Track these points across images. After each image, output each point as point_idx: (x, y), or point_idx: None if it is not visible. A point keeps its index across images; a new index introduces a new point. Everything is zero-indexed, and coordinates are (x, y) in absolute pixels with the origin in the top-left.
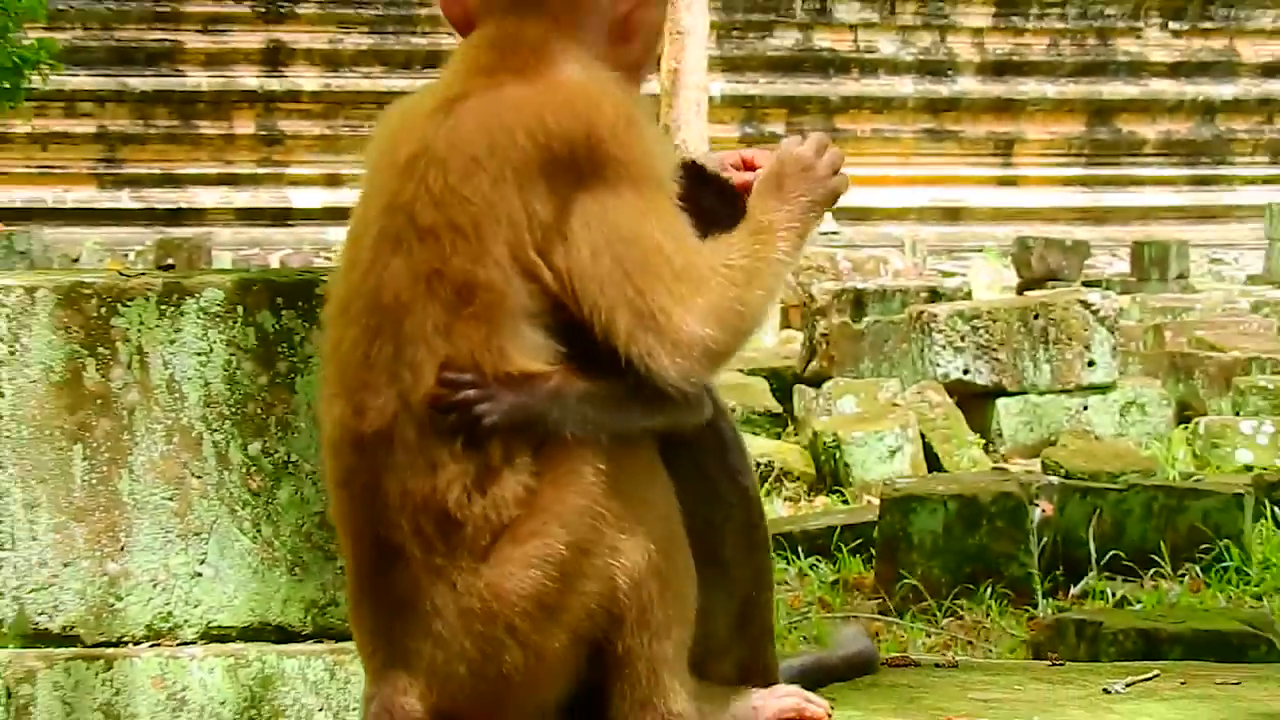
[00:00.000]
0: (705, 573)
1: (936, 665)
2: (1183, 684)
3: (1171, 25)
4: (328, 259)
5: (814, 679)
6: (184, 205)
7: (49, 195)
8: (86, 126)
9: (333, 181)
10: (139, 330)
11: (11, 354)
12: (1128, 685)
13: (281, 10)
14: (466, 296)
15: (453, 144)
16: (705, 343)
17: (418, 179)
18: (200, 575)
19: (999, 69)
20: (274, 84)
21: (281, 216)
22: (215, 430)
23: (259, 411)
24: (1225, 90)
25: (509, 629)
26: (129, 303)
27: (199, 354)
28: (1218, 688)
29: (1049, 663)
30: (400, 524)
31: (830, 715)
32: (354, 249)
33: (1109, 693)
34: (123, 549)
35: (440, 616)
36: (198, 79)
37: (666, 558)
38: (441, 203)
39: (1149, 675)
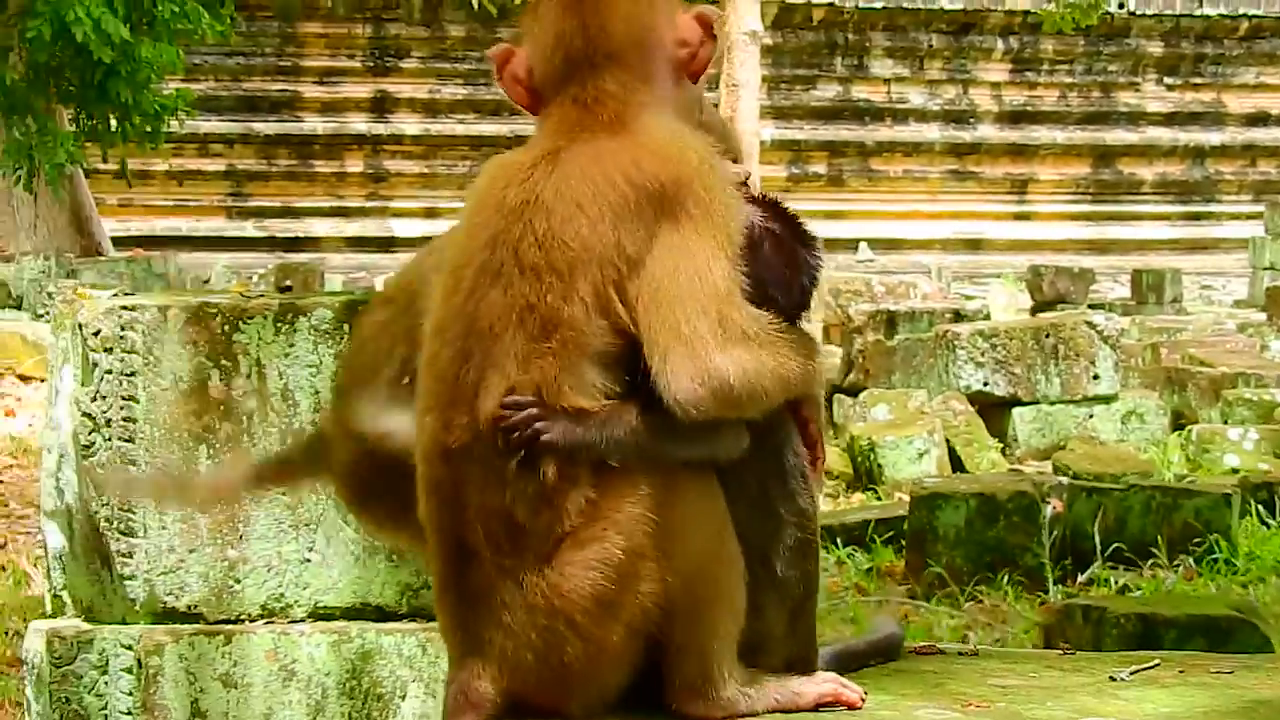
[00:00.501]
0: (759, 579)
1: (959, 653)
2: (1181, 672)
3: (1166, 80)
4: None
5: (845, 663)
6: (301, 234)
7: (184, 225)
8: (217, 165)
9: (430, 214)
10: (258, 345)
11: (146, 365)
12: (1131, 673)
13: (388, 64)
14: (549, 331)
15: (559, 192)
16: (725, 382)
17: (525, 221)
18: (309, 561)
19: (1015, 117)
20: (380, 129)
21: (386, 244)
22: None
23: None
24: (1214, 137)
25: (570, 624)
26: (249, 321)
27: (310, 366)
28: (1213, 676)
29: (1060, 651)
30: (476, 528)
31: (865, 700)
32: (455, 278)
33: (1114, 680)
34: (241, 537)
35: (509, 611)
36: (314, 124)
37: (717, 562)
38: (544, 245)
39: (1150, 664)
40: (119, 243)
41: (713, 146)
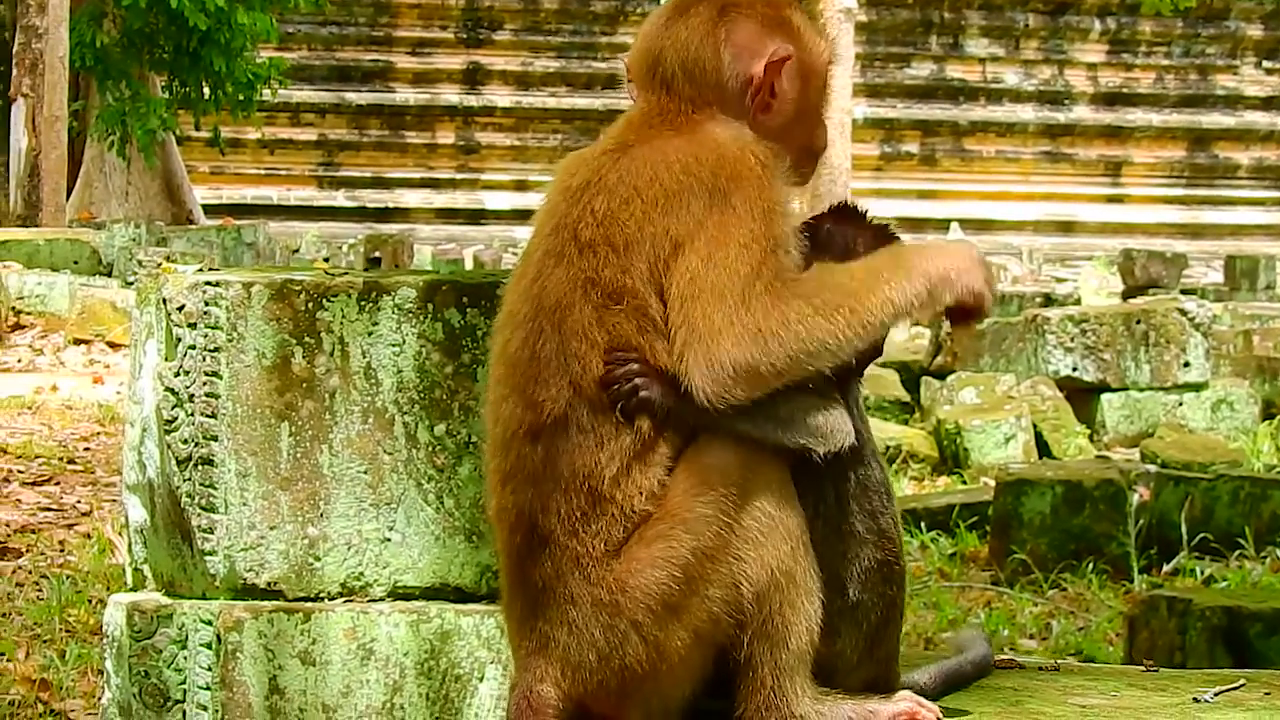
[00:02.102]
0: (833, 601)
1: (1040, 668)
2: (1267, 694)
3: (1265, 64)
4: (515, 255)
5: (952, 685)
6: (391, 205)
7: (274, 194)
8: (308, 134)
9: (521, 187)
10: (341, 323)
11: (230, 341)
12: (1216, 694)
13: (480, 36)
14: (616, 298)
15: (621, 177)
16: (743, 366)
17: (584, 204)
18: (389, 540)
19: (1110, 99)
20: (472, 100)
21: (476, 216)
22: (405, 413)
23: (444, 397)
24: None
25: (633, 623)
26: (333, 298)
27: (393, 345)
28: None
29: (1144, 668)
30: (557, 505)
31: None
32: (524, 265)
33: (1198, 701)
34: (322, 515)
35: (575, 605)
36: (406, 95)
37: (790, 574)
38: (603, 223)
39: (1235, 685)
40: (210, 210)
41: (777, 159)
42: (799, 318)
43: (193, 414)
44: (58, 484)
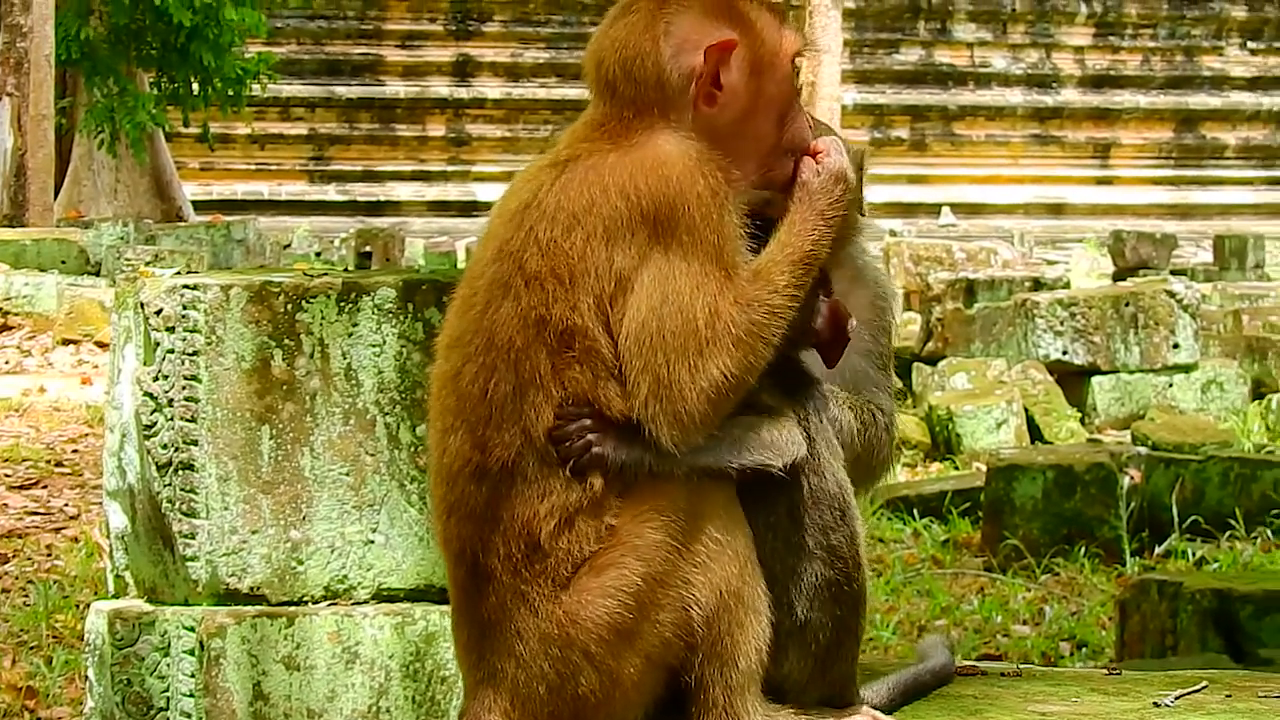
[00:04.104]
0: (780, 621)
1: (1002, 674)
2: (1228, 696)
3: (1250, 44)
4: None
5: (910, 696)
6: (382, 198)
7: (265, 189)
8: (299, 129)
9: (512, 178)
10: (321, 324)
11: (209, 344)
12: (1177, 698)
13: (470, 28)
14: (568, 341)
15: (559, 201)
16: (705, 411)
17: (526, 229)
18: (372, 542)
19: (1098, 82)
20: (462, 93)
21: (467, 209)
22: (387, 414)
23: (426, 397)
24: None
25: (585, 654)
26: (312, 300)
27: (373, 346)
28: (1259, 701)
29: (1106, 672)
30: (497, 547)
31: None
32: (469, 289)
33: (1159, 706)
34: (304, 518)
35: (522, 639)
36: (396, 88)
37: (738, 594)
38: (547, 252)
39: (1198, 687)
40: (200, 206)
41: (720, 169)
42: (752, 332)
43: (172, 418)
44: (45, 487)
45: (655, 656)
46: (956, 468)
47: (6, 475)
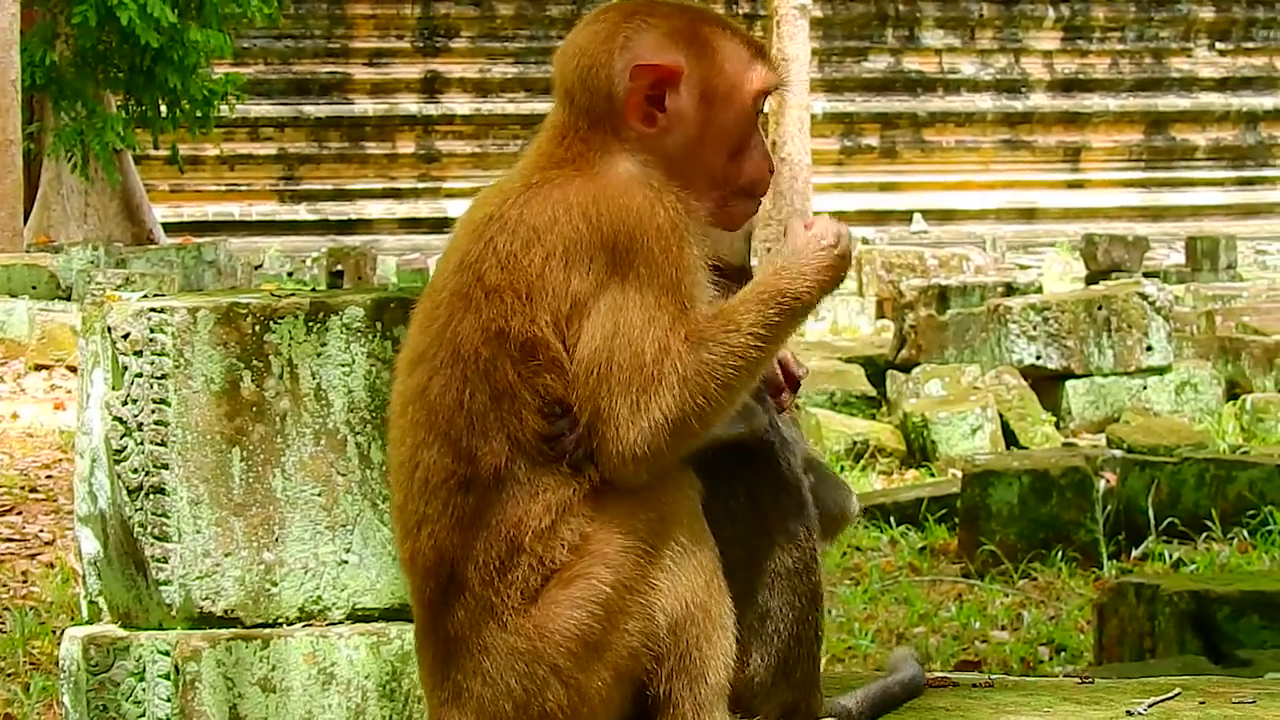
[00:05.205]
0: (743, 617)
1: (974, 685)
2: (1201, 703)
3: (1218, 45)
4: None
5: (880, 710)
6: (353, 216)
7: (236, 209)
8: (268, 149)
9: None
10: (289, 345)
11: (177, 367)
12: (1150, 706)
13: (437, 45)
14: (530, 352)
15: (520, 215)
16: (655, 447)
17: (487, 240)
18: (346, 562)
19: (1067, 86)
20: (431, 109)
21: (439, 225)
22: (358, 433)
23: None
24: (1266, 101)
25: (553, 668)
26: (280, 320)
27: (343, 365)
28: (1234, 706)
29: (1078, 680)
30: (478, 555)
31: None
32: (432, 302)
33: (1131, 715)
34: (277, 540)
35: (489, 655)
36: (365, 106)
37: (705, 607)
38: (505, 265)
39: (1171, 694)
40: (170, 229)
41: (680, 200)
42: (703, 372)
43: (142, 442)
44: (19, 513)
45: (623, 669)
46: (932, 475)
47: None
